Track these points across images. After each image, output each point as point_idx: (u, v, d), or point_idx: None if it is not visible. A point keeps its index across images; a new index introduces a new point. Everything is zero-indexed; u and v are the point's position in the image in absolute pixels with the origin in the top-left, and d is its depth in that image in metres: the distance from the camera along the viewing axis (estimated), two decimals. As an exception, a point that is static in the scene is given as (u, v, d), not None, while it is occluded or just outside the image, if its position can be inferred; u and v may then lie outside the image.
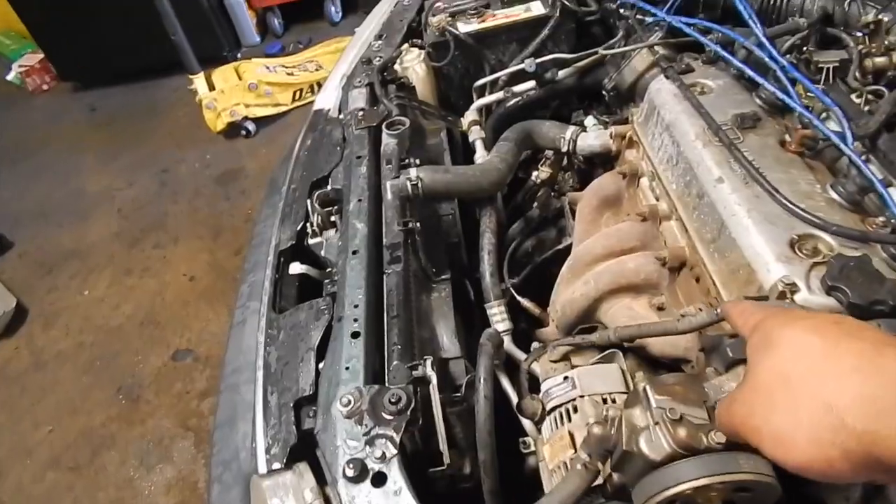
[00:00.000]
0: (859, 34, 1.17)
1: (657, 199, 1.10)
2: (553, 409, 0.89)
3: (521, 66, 1.41)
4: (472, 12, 1.53)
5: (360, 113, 1.39)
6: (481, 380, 0.87)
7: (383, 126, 1.29)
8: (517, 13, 1.51)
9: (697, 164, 0.96)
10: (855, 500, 0.74)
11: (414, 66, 1.53)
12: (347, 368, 0.89)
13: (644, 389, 0.71)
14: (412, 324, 0.95)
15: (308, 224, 1.25)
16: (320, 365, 0.94)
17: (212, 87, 3.79)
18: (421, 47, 1.56)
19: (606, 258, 1.07)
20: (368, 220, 1.13)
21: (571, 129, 1.29)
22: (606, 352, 0.96)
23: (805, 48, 1.16)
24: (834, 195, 0.88)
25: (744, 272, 0.83)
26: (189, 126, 4.14)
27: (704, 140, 0.97)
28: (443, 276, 1.10)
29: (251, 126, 3.97)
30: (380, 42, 1.65)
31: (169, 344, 2.80)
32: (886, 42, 1.14)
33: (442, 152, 1.35)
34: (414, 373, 0.86)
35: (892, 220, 0.87)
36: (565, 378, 0.90)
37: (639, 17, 1.32)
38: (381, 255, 1.07)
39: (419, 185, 1.13)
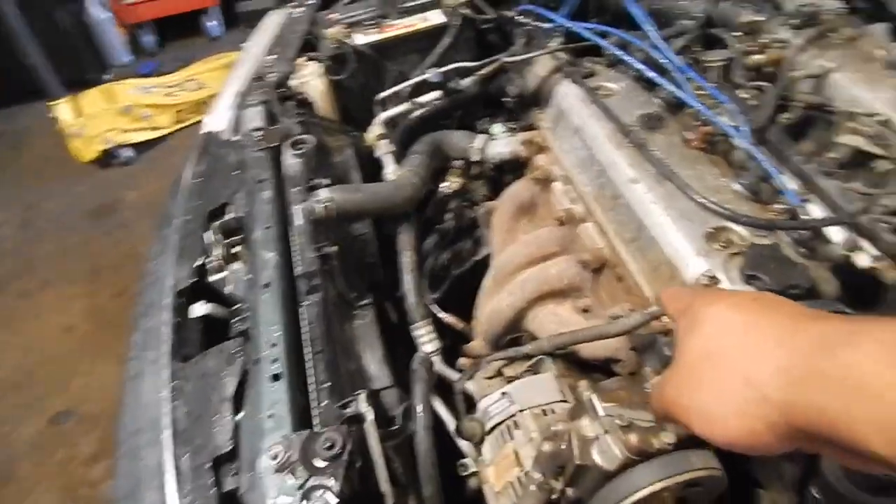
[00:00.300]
0: (737, 34, 1.25)
1: (572, 203, 1.10)
2: (493, 427, 0.86)
3: (425, 76, 1.38)
4: (370, 23, 1.48)
5: (258, 133, 1.29)
6: (419, 409, 0.82)
7: (285, 146, 1.21)
8: (415, 23, 1.48)
9: (611, 166, 0.97)
10: (789, 478, 0.76)
11: (312, 80, 1.46)
12: (271, 416, 0.80)
13: (590, 399, 0.69)
14: (338, 357, 0.89)
15: (208, 258, 1.14)
16: (238, 416, 0.85)
17: (80, 113, 3.47)
18: (318, 61, 1.49)
19: (529, 266, 1.06)
20: (278, 248, 1.05)
21: (480, 137, 1.28)
22: (533, 360, 0.94)
23: (693, 49, 1.22)
24: (737, 187, 0.92)
25: (665, 269, 0.85)
26: (54, 157, 3.76)
27: (615, 142, 0.99)
28: (364, 301, 1.04)
29: (129, 153, 3.68)
30: (273, 57, 1.56)
31: (46, 407, 2.48)
32: (762, 40, 1.22)
33: (350, 170, 1.29)
34: (346, 411, 0.79)
35: (789, 206, 0.92)
36: (502, 394, 0.88)
37: (537, 23, 1.34)
38: (296, 286, 0.99)
39: (331, 206, 1.06)
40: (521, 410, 0.84)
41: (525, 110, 1.50)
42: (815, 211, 0.92)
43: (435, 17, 1.51)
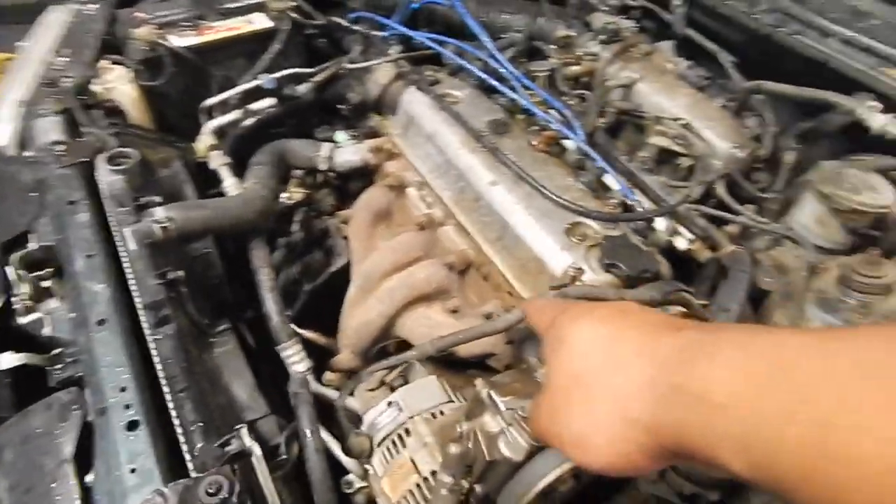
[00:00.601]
0: (553, 47, 1.38)
1: (429, 208, 1.12)
2: (383, 439, 0.84)
3: (257, 82, 1.30)
4: (186, 24, 1.35)
5: (60, 147, 1.10)
6: (307, 433, 0.77)
7: (99, 161, 1.05)
8: (239, 25, 1.38)
9: (469, 170, 1.00)
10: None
11: (119, 86, 1.28)
12: (134, 471, 0.69)
13: (489, 395, 0.71)
14: (205, 393, 0.79)
15: (13, 297, 0.95)
16: (88, 478, 0.72)
17: None
18: (124, 65, 1.32)
19: (394, 272, 1.05)
20: (108, 279, 0.91)
21: (326, 146, 1.24)
22: (402, 367, 0.94)
23: (519, 60, 1.32)
24: (581, 186, 1.01)
25: (533, 264, 0.90)
26: None
27: (469, 147, 1.02)
28: (221, 327, 0.94)
29: None
30: (64, 59, 1.34)
31: None
32: (577, 53, 1.36)
33: (181, 184, 1.16)
34: (228, 449, 0.71)
35: (622, 200, 1.04)
36: (388, 404, 0.86)
37: (370, 31, 1.33)
38: (138, 320, 0.86)
39: (170, 227, 0.95)
40: (410, 417, 0.83)
41: (361, 117, 1.49)
42: (643, 203, 1.05)
43: (260, 21, 1.42)
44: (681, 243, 1.01)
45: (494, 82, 1.12)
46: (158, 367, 0.81)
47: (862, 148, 1.12)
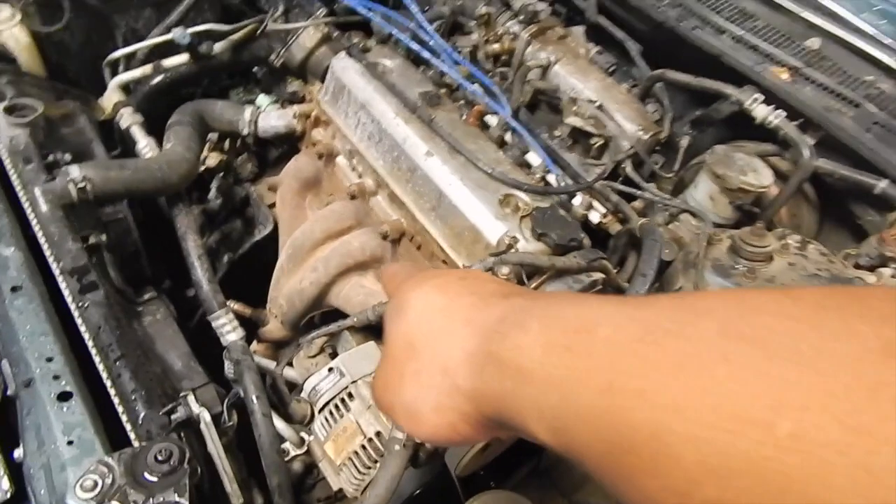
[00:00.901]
0: (474, 23, 1.42)
1: (360, 177, 1.13)
2: (325, 404, 0.86)
3: (169, 36, 1.22)
4: (84, -34, 1.23)
5: (-59, 95, 0.99)
6: (253, 398, 0.77)
7: (0, 112, 0.95)
8: (147, -27, 1.28)
9: (404, 140, 1.02)
10: None
11: (8, 29, 1.15)
12: (71, 443, 0.66)
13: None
14: (141, 362, 0.77)
15: None
16: (16, 454, 0.68)
17: None
18: (11, 5, 1.18)
19: (326, 241, 1.06)
20: (17, 242, 0.84)
21: (249, 109, 1.20)
22: (325, 339, 0.97)
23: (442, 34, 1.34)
24: (508, 159, 1.07)
25: (469, 234, 0.94)
26: None
27: (405, 117, 1.04)
28: (148, 295, 0.90)
29: None
30: (-66, -6, 1.18)
31: None
32: (498, 31, 1.41)
33: (89, 143, 1.08)
34: (175, 416, 0.70)
35: (543, 174, 1.11)
36: (330, 370, 0.88)
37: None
38: (57, 287, 0.81)
39: (87, 187, 0.89)
40: (353, 381, 0.85)
41: (277, 81, 1.45)
42: (561, 179, 1.13)
43: (170, -30, 1.33)
44: (594, 217, 1.10)
45: (427, 54, 1.14)
46: (86, 335, 0.76)
47: (743, 135, 1.28)
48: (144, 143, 1.09)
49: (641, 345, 0.32)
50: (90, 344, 0.76)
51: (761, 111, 1.14)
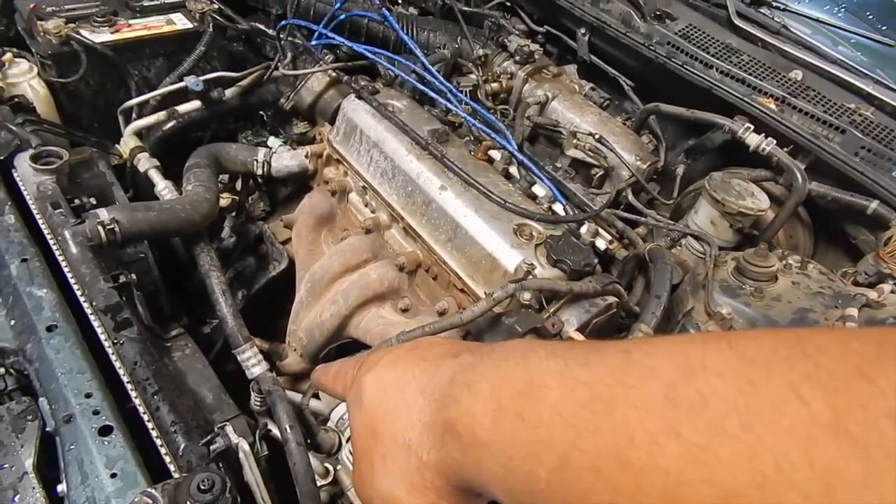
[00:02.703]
0: (471, 64, 1.48)
1: (373, 212, 1.16)
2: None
3: (182, 84, 1.26)
4: (100, 19, 1.28)
5: (-32, 144, 1.02)
6: (287, 428, 0.78)
7: (21, 160, 0.98)
8: (160, 25, 1.34)
9: (418, 176, 1.06)
10: None
11: (25, 81, 1.19)
12: (115, 475, 0.67)
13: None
14: (177, 394, 0.78)
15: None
16: (60, 489, 0.68)
17: None
18: (26, 59, 1.23)
19: (344, 274, 1.09)
20: (50, 283, 0.86)
21: (262, 150, 1.24)
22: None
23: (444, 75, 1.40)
24: (518, 191, 1.12)
25: (487, 262, 0.98)
26: None
27: (417, 154, 1.08)
28: (175, 332, 0.92)
29: None
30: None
31: None
32: (496, 71, 1.47)
33: (109, 186, 1.11)
34: (213, 447, 0.71)
35: (550, 204, 1.15)
36: (356, 399, 0.89)
37: (294, 39, 1.35)
38: (90, 326, 0.83)
39: (116, 228, 0.91)
40: (380, 410, 0.87)
41: (283, 123, 1.49)
42: (570, 209, 1.18)
43: (181, 21, 1.39)
44: (601, 243, 1.14)
45: (434, 94, 1.19)
46: (121, 371, 0.78)
47: (734, 162, 1.34)
48: (163, 186, 1.12)
49: (590, 413, 0.31)
50: (126, 379, 0.77)
51: (754, 139, 1.20)
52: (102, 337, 0.81)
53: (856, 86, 1.28)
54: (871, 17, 1.87)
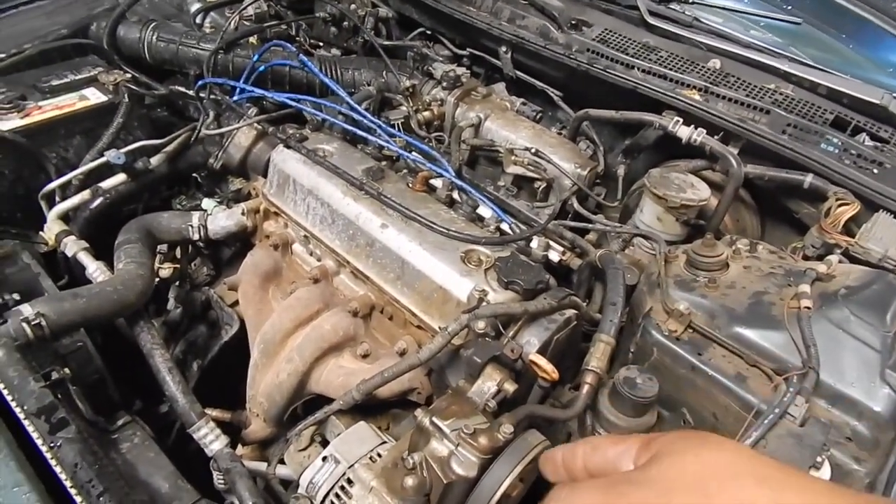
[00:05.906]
0: (400, 96, 1.48)
1: (318, 260, 1.13)
2: (326, 495, 0.83)
3: (103, 159, 1.22)
4: (7, 106, 1.23)
5: None
6: (251, 506, 0.74)
7: (-67, 263, 0.92)
8: (72, 102, 1.29)
9: (357, 217, 1.04)
10: (573, 427, 0.93)
11: (-67, 180, 1.13)
12: None
13: (432, 421, 0.74)
14: (126, 492, 0.72)
15: None
16: None
17: None
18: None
19: (297, 329, 1.05)
20: (-26, 392, 0.79)
21: (196, 214, 1.20)
22: (314, 429, 0.94)
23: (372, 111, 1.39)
24: (461, 217, 1.10)
25: (438, 295, 0.95)
26: None
27: (353, 195, 1.06)
28: (121, 421, 0.87)
29: None
30: None
31: None
32: (426, 99, 1.47)
33: (35, 277, 1.05)
34: (170, 545, 0.66)
35: (496, 224, 1.14)
36: (324, 459, 0.85)
37: (215, 97, 1.32)
38: (23, 430, 0.77)
39: (42, 323, 0.86)
40: (350, 466, 0.83)
41: (218, 183, 1.45)
42: (517, 226, 1.16)
43: (94, 96, 1.34)
44: (554, 256, 1.13)
45: (363, 133, 1.17)
46: (62, 476, 0.72)
47: (671, 155, 1.36)
48: (94, 268, 1.07)
49: None
50: (68, 484, 0.71)
51: (684, 132, 1.22)
52: (39, 442, 0.75)
53: (772, 66, 1.32)
54: (776, -2, 1.94)
